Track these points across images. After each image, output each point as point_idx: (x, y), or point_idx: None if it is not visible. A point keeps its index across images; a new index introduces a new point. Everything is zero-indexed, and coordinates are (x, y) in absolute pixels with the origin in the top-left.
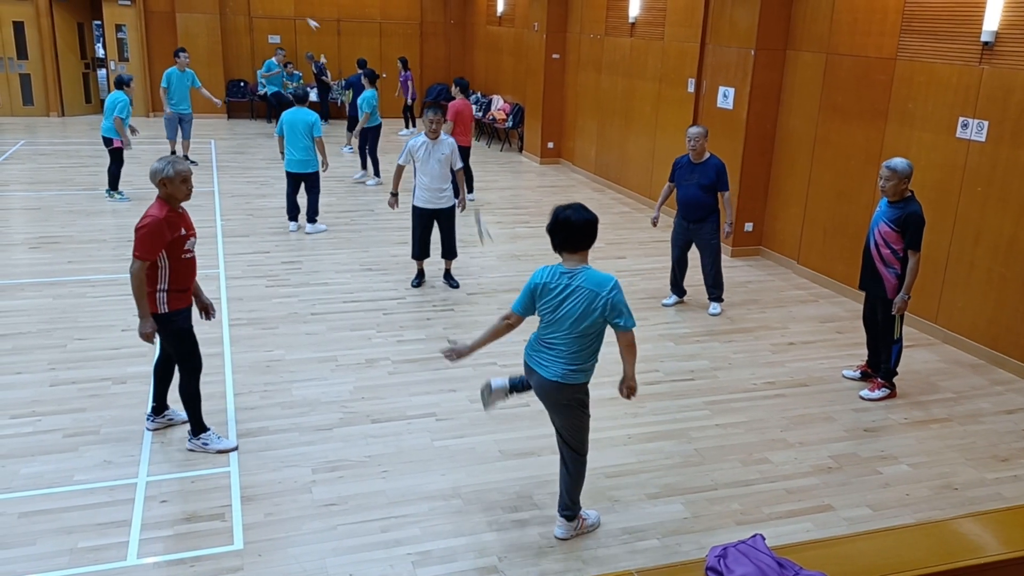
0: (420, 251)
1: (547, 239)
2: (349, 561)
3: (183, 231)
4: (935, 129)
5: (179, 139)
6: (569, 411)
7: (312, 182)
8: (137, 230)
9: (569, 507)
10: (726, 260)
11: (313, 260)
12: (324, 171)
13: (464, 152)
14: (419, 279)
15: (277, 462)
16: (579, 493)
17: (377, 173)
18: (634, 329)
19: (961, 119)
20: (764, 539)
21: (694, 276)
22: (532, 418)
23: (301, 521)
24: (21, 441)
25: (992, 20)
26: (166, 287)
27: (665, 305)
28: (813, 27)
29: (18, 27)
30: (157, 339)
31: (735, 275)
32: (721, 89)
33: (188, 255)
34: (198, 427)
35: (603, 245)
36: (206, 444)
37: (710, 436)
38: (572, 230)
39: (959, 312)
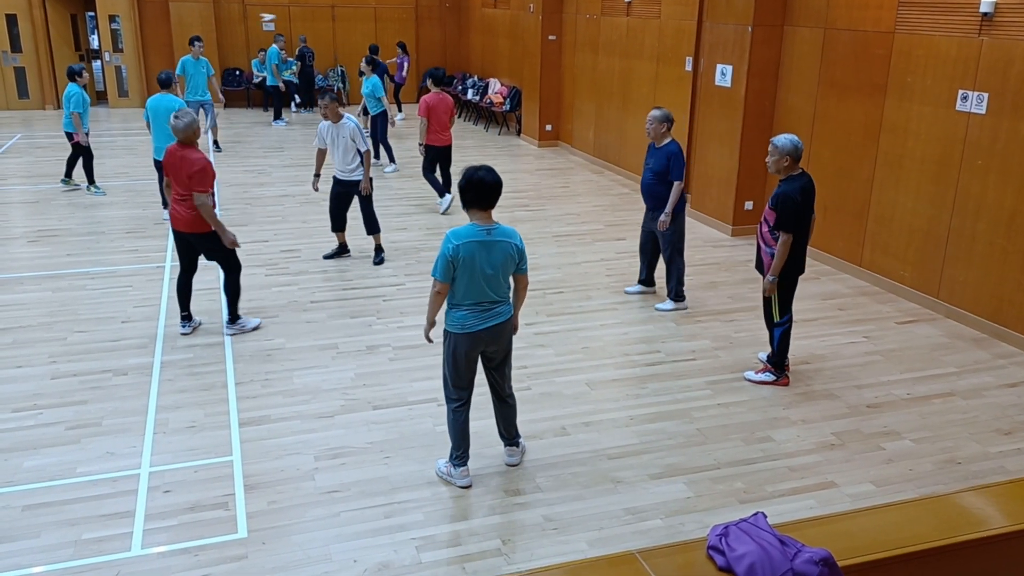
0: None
1: (548, 222)
2: (353, 547)
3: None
4: (935, 102)
5: (205, 126)
6: (511, 339)
7: None
8: (194, 172)
9: (517, 434)
10: (728, 239)
11: (312, 248)
12: None
13: (446, 152)
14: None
15: (279, 450)
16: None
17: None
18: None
19: (961, 92)
20: (766, 517)
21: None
22: (533, 402)
23: (304, 508)
24: (24, 434)
25: None
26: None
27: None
28: (810, 2)
29: (11, 20)
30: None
31: (736, 254)
32: (719, 67)
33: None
34: (235, 316)
35: (602, 227)
36: (244, 325)
37: (712, 415)
38: (484, 189)
39: (961, 286)
